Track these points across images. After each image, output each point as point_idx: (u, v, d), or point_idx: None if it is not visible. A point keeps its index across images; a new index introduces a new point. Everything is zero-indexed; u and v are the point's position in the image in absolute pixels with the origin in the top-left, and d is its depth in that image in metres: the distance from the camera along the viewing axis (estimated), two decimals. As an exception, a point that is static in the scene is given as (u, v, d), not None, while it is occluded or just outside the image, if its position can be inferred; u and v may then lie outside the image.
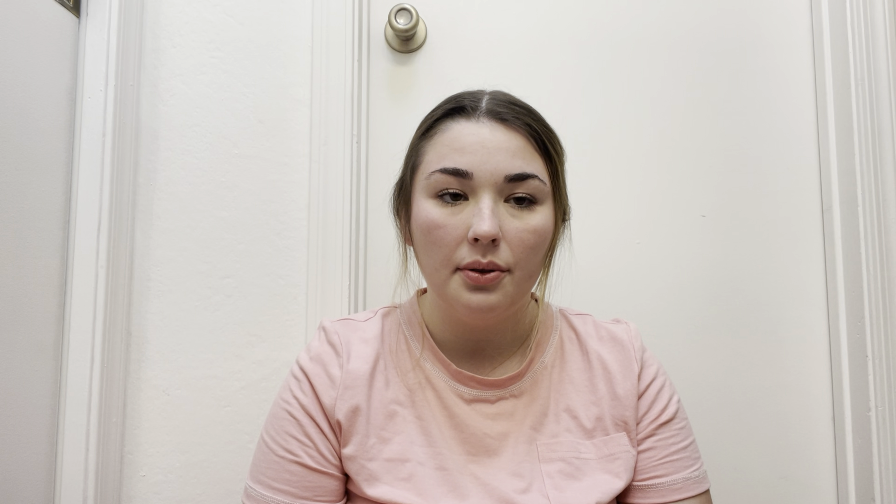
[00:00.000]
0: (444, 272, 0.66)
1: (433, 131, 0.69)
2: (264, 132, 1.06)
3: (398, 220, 0.75)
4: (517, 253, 0.65)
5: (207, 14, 1.07)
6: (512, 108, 0.68)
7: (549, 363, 0.74)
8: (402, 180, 0.74)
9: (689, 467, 0.72)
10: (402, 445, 0.68)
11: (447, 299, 0.67)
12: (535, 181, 0.66)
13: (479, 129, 0.66)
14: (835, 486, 1.06)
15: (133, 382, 1.00)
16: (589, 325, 0.78)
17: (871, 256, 1.03)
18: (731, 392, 1.08)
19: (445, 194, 0.65)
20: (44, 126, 0.91)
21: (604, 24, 1.14)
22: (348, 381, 0.69)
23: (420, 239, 0.68)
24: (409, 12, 1.07)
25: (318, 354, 0.71)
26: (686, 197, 1.11)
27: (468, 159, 0.65)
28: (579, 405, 0.72)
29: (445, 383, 0.71)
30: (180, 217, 1.03)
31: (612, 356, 0.74)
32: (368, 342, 0.72)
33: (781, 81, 1.13)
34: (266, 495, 0.68)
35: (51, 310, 0.92)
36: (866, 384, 1.01)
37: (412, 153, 0.72)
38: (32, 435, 0.88)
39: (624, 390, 0.72)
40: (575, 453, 0.70)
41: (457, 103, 0.69)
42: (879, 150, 1.05)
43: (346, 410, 0.68)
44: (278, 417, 0.70)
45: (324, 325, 0.74)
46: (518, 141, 0.66)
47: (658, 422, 0.72)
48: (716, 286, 1.10)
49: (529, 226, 0.65)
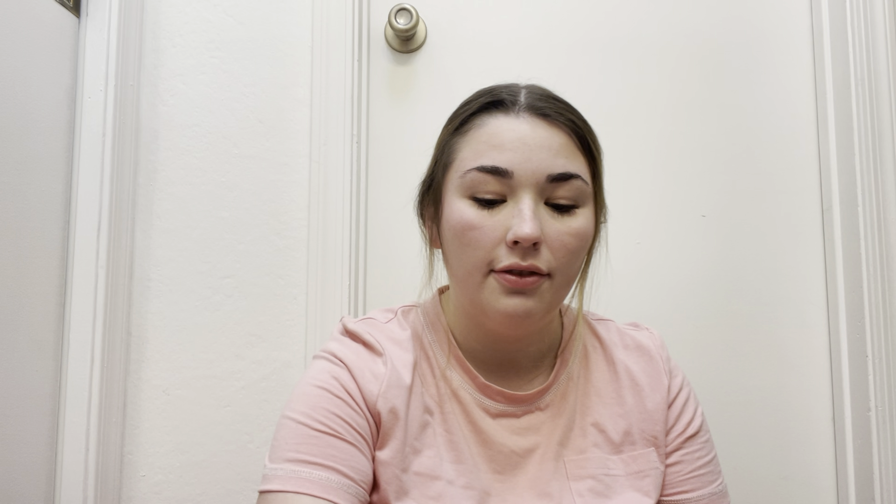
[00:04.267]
0: (478, 276, 0.61)
1: (468, 126, 0.64)
2: (264, 132, 1.06)
3: (423, 222, 0.71)
4: (558, 257, 0.61)
5: (207, 14, 1.07)
6: (553, 102, 0.64)
7: (575, 374, 0.70)
8: (430, 179, 0.68)
9: (713, 482, 0.70)
10: (433, 460, 0.64)
11: (480, 305, 0.62)
12: (578, 181, 0.62)
13: (518, 124, 0.61)
14: (835, 486, 1.06)
15: (133, 382, 1.00)
16: (613, 333, 0.74)
17: (871, 256, 1.02)
18: (731, 392, 1.08)
19: (482, 194, 0.61)
20: (44, 126, 0.91)
21: (604, 23, 1.14)
22: (392, 379, 0.64)
23: (452, 241, 0.63)
24: (409, 12, 1.07)
25: (356, 350, 0.66)
26: (686, 197, 1.11)
27: (508, 157, 0.60)
28: (606, 418, 0.69)
29: (471, 396, 0.67)
30: (180, 217, 1.03)
31: (639, 367, 0.71)
32: (401, 344, 0.67)
33: (781, 81, 1.13)
34: (306, 472, 0.57)
35: (51, 310, 0.92)
36: (866, 384, 1.01)
37: (443, 150, 0.66)
38: (32, 435, 0.88)
39: (654, 404, 0.69)
40: (604, 470, 0.66)
41: (493, 97, 0.64)
42: (879, 150, 1.04)
43: (387, 409, 0.63)
44: (313, 395, 0.62)
45: (350, 328, 0.68)
46: (560, 138, 0.62)
47: (685, 435, 0.70)
48: (716, 286, 1.10)
49: (571, 229, 0.61)
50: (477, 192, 0.61)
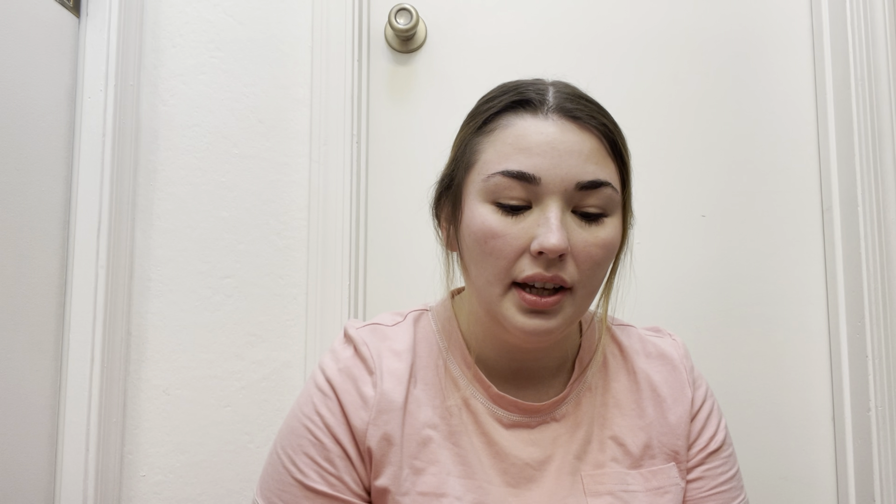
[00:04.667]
0: (498, 288, 0.59)
1: (492, 126, 0.60)
2: (264, 132, 1.06)
3: (439, 222, 0.68)
4: (583, 269, 0.58)
5: (207, 14, 1.07)
6: (584, 104, 0.60)
7: (593, 383, 0.68)
8: (448, 179, 0.65)
9: (735, 498, 0.67)
10: (438, 477, 0.61)
11: (498, 318, 0.60)
12: (609, 189, 0.59)
13: (547, 127, 0.58)
14: (835, 486, 1.06)
15: (133, 382, 1.00)
16: (634, 340, 0.71)
17: (871, 256, 1.02)
18: (731, 392, 1.08)
19: (507, 200, 0.58)
20: (44, 126, 0.91)
21: (604, 23, 1.14)
22: (382, 403, 0.61)
23: (472, 248, 0.60)
24: (409, 12, 1.07)
25: (348, 367, 0.64)
26: (686, 197, 1.11)
27: (536, 162, 0.57)
28: (626, 431, 0.66)
29: (484, 406, 0.64)
30: (180, 217, 1.03)
31: (662, 377, 0.68)
32: (400, 356, 0.64)
33: (781, 81, 1.13)
34: None
35: (51, 310, 0.92)
36: (866, 384, 1.01)
37: (465, 149, 0.63)
38: (32, 435, 0.88)
39: (676, 417, 0.66)
40: (623, 486, 0.64)
41: (520, 95, 0.60)
42: (879, 150, 1.04)
43: (378, 438, 0.61)
44: (297, 434, 0.63)
45: (350, 334, 0.66)
46: (591, 143, 0.58)
47: (708, 450, 0.67)
48: (716, 286, 1.10)
49: (599, 239, 0.58)
50: (501, 197, 0.58)
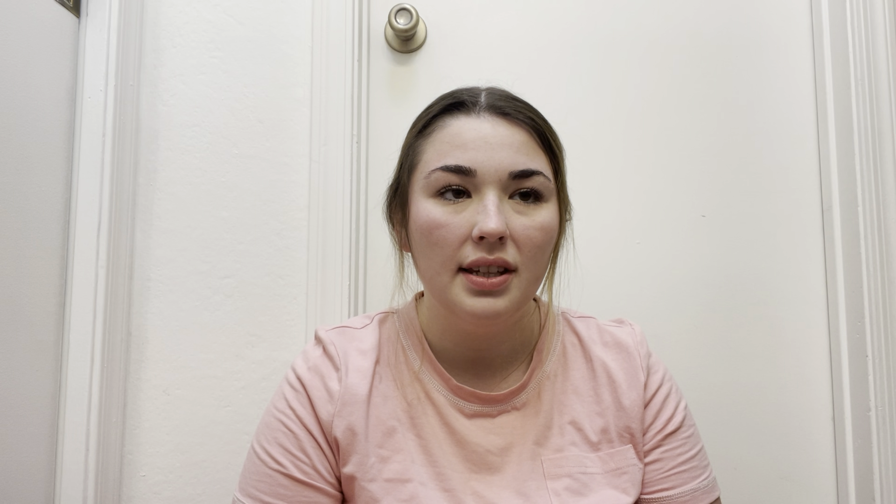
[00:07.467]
0: (446, 275, 0.63)
1: (430, 129, 0.66)
2: (264, 132, 1.06)
3: (392, 226, 0.72)
4: (525, 252, 0.62)
5: (207, 14, 1.07)
6: (512, 102, 0.65)
7: (552, 372, 0.71)
8: (396, 183, 0.70)
9: (697, 478, 0.69)
10: (403, 464, 0.65)
11: (449, 305, 0.64)
12: (541, 178, 0.63)
13: (480, 124, 0.63)
14: (835, 486, 1.06)
15: (133, 382, 1.00)
16: (592, 330, 0.74)
17: (871, 256, 1.03)
18: (731, 392, 1.08)
19: (447, 191, 0.62)
20: (44, 126, 0.91)
21: (603, 23, 1.14)
22: (346, 396, 0.66)
23: (420, 241, 0.64)
24: (409, 12, 1.07)
25: (317, 365, 0.68)
26: (686, 197, 1.11)
27: (471, 155, 0.62)
28: (584, 417, 0.69)
29: (445, 398, 0.68)
30: (180, 217, 1.03)
31: (617, 364, 0.71)
32: (366, 354, 0.69)
33: (781, 81, 1.13)
34: None
35: (51, 310, 0.92)
36: (866, 384, 1.01)
37: (408, 153, 0.68)
38: (32, 435, 0.88)
39: (630, 401, 0.69)
40: (581, 468, 0.67)
41: (454, 99, 0.66)
42: (879, 150, 1.05)
43: (343, 428, 0.65)
44: (271, 427, 0.67)
45: (319, 336, 0.71)
46: (521, 136, 0.63)
47: (664, 432, 0.70)
48: (716, 286, 1.10)
49: (536, 222, 0.63)
50: (442, 190, 0.63)
